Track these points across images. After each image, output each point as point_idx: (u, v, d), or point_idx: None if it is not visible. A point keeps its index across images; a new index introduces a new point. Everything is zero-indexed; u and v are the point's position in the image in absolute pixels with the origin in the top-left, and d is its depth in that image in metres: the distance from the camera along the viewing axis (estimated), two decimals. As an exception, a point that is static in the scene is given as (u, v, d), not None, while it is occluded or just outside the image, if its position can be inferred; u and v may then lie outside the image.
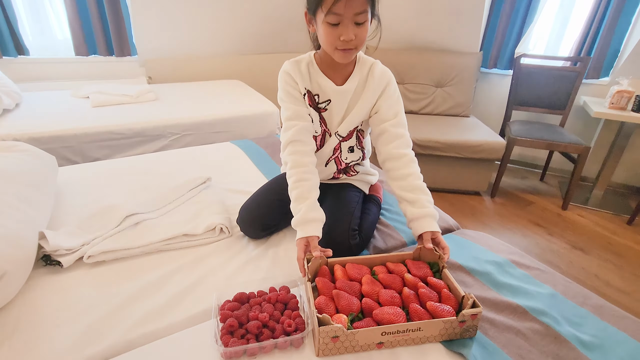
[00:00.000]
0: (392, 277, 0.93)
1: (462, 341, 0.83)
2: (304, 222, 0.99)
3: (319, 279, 0.91)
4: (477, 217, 2.49)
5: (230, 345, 0.77)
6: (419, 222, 1.03)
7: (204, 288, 1.00)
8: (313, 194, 1.04)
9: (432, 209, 1.05)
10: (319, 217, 1.01)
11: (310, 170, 1.07)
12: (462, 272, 1.05)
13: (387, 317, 0.81)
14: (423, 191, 1.07)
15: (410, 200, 1.06)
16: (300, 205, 1.01)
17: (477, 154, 2.47)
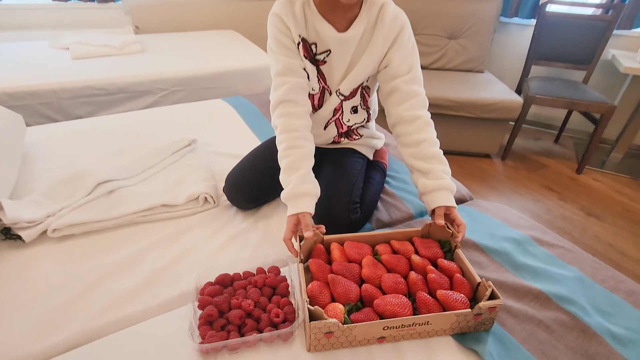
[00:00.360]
0: (397, 259, 0.81)
1: (477, 335, 0.72)
2: (294, 197, 0.86)
3: (313, 261, 0.79)
4: (487, 180, 2.35)
5: (207, 340, 0.67)
6: (432, 195, 0.89)
7: (184, 267, 0.89)
8: (306, 163, 0.89)
9: (449, 180, 0.90)
10: (312, 191, 0.87)
11: (303, 135, 0.92)
12: (477, 251, 0.93)
13: (391, 308, 0.69)
14: (439, 160, 0.92)
15: (424, 171, 0.91)
16: (290, 177, 0.87)
17: (490, 113, 2.27)
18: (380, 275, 0.78)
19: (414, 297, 0.74)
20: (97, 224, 0.96)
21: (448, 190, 0.89)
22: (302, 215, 0.84)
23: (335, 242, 0.86)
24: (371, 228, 1.04)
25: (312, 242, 0.85)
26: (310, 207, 0.85)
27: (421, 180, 0.91)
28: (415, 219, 1.08)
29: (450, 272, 0.79)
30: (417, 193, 1.14)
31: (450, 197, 0.89)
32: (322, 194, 0.92)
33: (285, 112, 0.92)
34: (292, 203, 0.85)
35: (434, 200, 0.88)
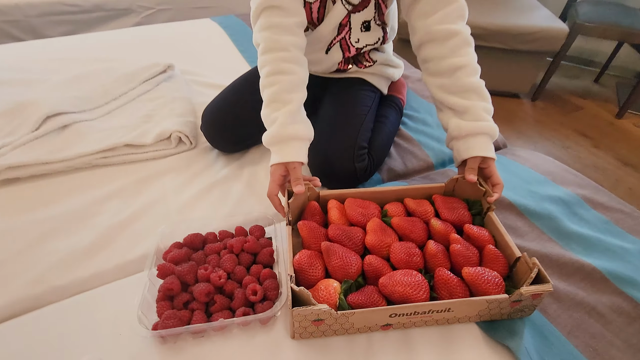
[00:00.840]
0: (411, 223, 0.63)
1: (510, 324, 0.56)
2: (280, 141, 0.66)
3: (304, 223, 0.62)
4: (512, 123, 2.09)
5: (162, 324, 0.52)
6: (466, 141, 0.68)
7: (148, 222, 0.73)
8: (296, 95, 0.68)
9: (491, 122, 0.68)
10: (303, 133, 0.67)
11: (293, 57, 0.69)
12: (512, 213, 0.74)
13: (401, 289, 0.52)
14: (479, 94, 0.69)
15: (458, 108, 0.69)
16: (275, 114, 0.66)
17: (527, 44, 1.94)
18: (389, 244, 0.60)
19: (432, 274, 0.58)
20: (44, 166, 0.78)
21: (488, 136, 0.68)
22: (292, 166, 0.64)
23: (334, 200, 0.68)
24: (381, 180, 0.85)
25: (303, 198, 0.67)
26: (301, 154, 0.66)
27: (454, 120, 0.70)
28: (435, 170, 0.88)
29: (481, 241, 0.61)
30: (440, 137, 0.93)
31: (490, 145, 0.68)
32: (319, 136, 0.72)
33: (270, 24, 0.68)
34: (277, 149, 0.66)
35: (469, 148, 0.67)
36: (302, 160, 0.66)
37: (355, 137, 0.78)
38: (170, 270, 0.59)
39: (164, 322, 0.52)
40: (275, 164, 0.65)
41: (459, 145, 0.69)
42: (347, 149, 0.77)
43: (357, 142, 0.78)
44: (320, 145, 0.77)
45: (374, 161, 0.82)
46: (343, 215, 0.66)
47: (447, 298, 0.54)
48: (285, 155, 0.64)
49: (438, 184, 0.70)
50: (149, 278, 0.58)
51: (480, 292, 0.54)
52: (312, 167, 0.81)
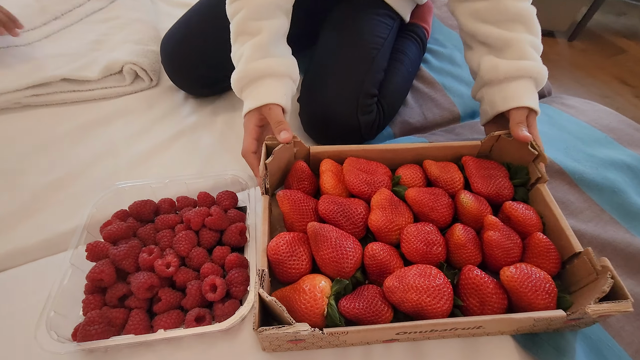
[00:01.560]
0: (433, 197, 0.46)
1: (557, 339, 0.41)
2: (249, 81, 0.48)
3: (286, 194, 0.45)
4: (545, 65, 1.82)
5: (82, 332, 0.38)
6: (504, 87, 0.50)
7: (90, 182, 0.56)
8: (270, 23, 0.50)
9: (539, 62, 0.51)
10: (279, 68, 0.49)
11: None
12: (562, 183, 0.57)
13: (414, 297, 0.37)
14: (527, 24, 0.51)
15: (495, 42, 0.51)
16: (242, 48, 0.49)
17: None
18: (401, 226, 0.44)
19: (457, 271, 0.42)
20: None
21: (533, 81, 0.50)
22: (269, 110, 0.47)
23: (329, 160, 0.50)
24: (392, 135, 0.67)
25: (288, 156, 0.50)
26: (278, 94, 0.48)
27: (488, 59, 0.51)
28: (462, 123, 0.69)
29: (526, 226, 0.45)
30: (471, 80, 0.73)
31: (535, 93, 0.51)
32: (312, 79, 0.54)
33: None
34: (248, 92, 0.48)
35: (507, 97, 0.49)
36: (280, 103, 0.47)
37: (361, 81, 0.59)
38: (104, 251, 0.44)
39: (85, 329, 0.38)
40: (248, 111, 0.47)
41: (494, 93, 0.50)
42: (350, 96, 0.58)
43: (363, 88, 0.59)
44: (314, 91, 0.59)
45: (384, 112, 0.63)
46: (340, 182, 0.49)
47: (476, 308, 0.39)
48: (256, 98, 0.46)
49: (472, 142, 0.52)
50: (71, 263, 0.43)
51: (523, 302, 0.39)
52: (303, 120, 0.63)
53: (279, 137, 0.47)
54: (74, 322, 0.40)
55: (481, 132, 0.64)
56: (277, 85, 0.48)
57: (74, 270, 0.43)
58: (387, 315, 0.38)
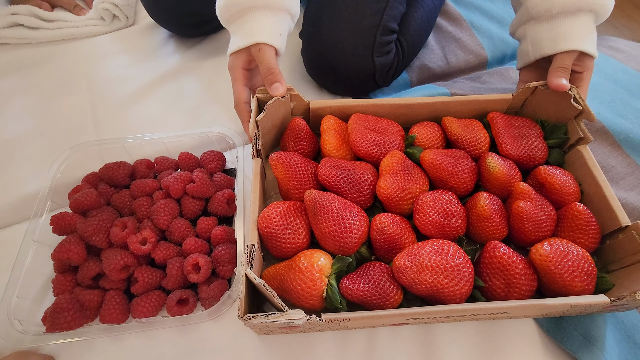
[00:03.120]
0: (452, 159, 0.39)
1: (586, 324, 0.37)
2: (242, 10, 0.40)
3: (280, 157, 0.39)
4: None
5: (50, 321, 0.34)
6: (557, 24, 0.41)
7: (54, 138, 0.50)
8: None
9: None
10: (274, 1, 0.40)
11: None
12: (604, 143, 0.49)
13: (429, 279, 0.32)
14: None
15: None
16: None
17: None
18: (414, 194, 0.38)
19: (479, 246, 0.36)
20: None
21: (593, 16, 0.40)
22: (255, 49, 0.39)
23: (332, 116, 0.43)
24: (409, 83, 0.58)
25: (283, 111, 0.42)
26: (274, 32, 0.40)
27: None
28: (488, 70, 0.60)
29: (562, 195, 0.38)
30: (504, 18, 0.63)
31: (594, 32, 0.41)
32: (318, 11, 0.48)
33: None
34: (237, 26, 0.39)
35: (558, 37, 0.41)
36: (274, 44, 0.39)
37: (379, 13, 0.49)
38: (71, 224, 0.38)
39: (54, 317, 0.33)
40: (235, 51, 0.39)
41: (541, 30, 0.41)
42: (365, 32, 0.49)
43: (382, 22, 0.49)
44: (321, 25, 0.50)
45: (404, 54, 0.54)
46: (344, 142, 0.42)
47: (500, 291, 0.34)
48: (246, 35, 0.38)
49: (501, 96, 0.44)
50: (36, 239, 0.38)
51: (557, 284, 0.33)
52: (306, 61, 0.54)
53: (269, 89, 0.39)
54: (44, 304, 0.36)
55: (512, 81, 0.55)
56: (273, 20, 0.39)
57: (39, 246, 0.38)
58: (396, 298, 0.33)
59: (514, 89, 0.47)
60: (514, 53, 0.62)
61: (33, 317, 0.36)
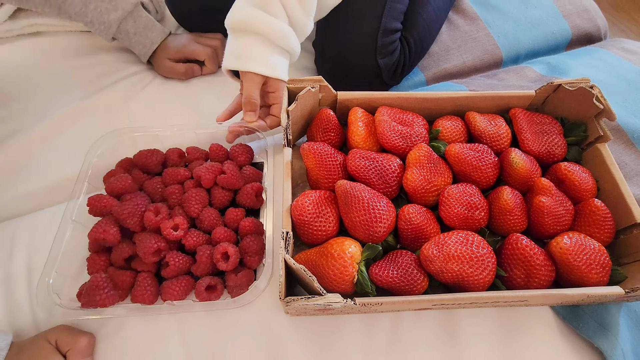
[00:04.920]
0: (477, 153, 0.41)
1: (600, 312, 0.39)
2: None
3: (311, 147, 0.40)
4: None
5: (85, 298, 0.35)
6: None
7: (89, 124, 0.51)
8: None
9: None
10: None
11: None
12: (618, 141, 0.51)
13: (456, 268, 0.33)
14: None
15: None
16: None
17: None
18: (440, 187, 0.39)
19: (501, 238, 0.38)
20: None
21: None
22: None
23: (359, 108, 0.44)
24: (424, 82, 0.59)
25: (312, 102, 0.44)
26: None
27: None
28: (504, 68, 0.61)
29: (580, 191, 0.40)
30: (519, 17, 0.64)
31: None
32: (327, 19, 0.50)
33: None
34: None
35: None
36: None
37: (379, 15, 0.51)
38: (107, 207, 0.39)
39: (90, 293, 0.35)
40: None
41: None
42: (366, 36, 0.50)
43: (381, 24, 0.51)
44: (328, 34, 0.52)
45: (411, 52, 0.55)
46: (371, 134, 0.43)
47: (521, 280, 0.36)
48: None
49: (524, 92, 0.45)
50: (73, 218, 0.39)
51: (574, 275, 0.35)
52: (319, 67, 0.56)
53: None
54: (78, 282, 0.37)
55: (528, 79, 0.57)
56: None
57: (76, 225, 0.39)
58: (423, 285, 0.35)
59: (530, 87, 0.48)
60: (528, 52, 0.63)
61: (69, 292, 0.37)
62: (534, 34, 0.64)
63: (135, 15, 0.54)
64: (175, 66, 0.55)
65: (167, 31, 0.56)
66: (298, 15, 0.44)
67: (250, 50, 0.43)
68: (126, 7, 0.53)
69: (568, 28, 0.65)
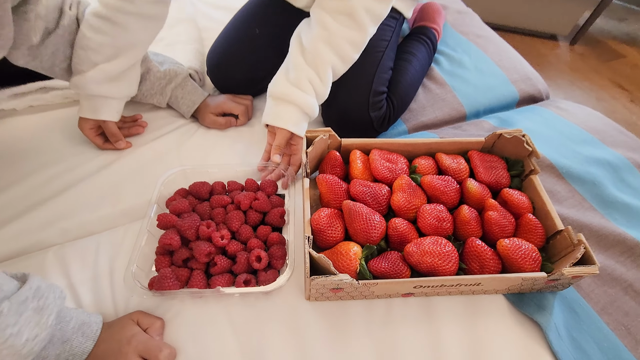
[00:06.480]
0: (444, 183, 0.56)
1: (539, 298, 0.52)
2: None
3: (324, 178, 0.55)
4: (543, 68, 1.91)
5: (158, 284, 0.48)
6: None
7: (158, 165, 0.66)
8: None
9: None
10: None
11: (135, 9, 0.58)
12: (552, 175, 0.67)
13: (428, 260, 0.47)
14: None
15: None
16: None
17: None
18: (417, 206, 0.54)
19: (462, 242, 0.52)
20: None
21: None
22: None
23: (358, 150, 0.60)
24: (406, 130, 0.76)
25: (323, 146, 0.60)
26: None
27: None
28: (467, 121, 0.79)
29: (519, 209, 0.55)
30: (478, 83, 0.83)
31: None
32: (332, 90, 0.64)
33: None
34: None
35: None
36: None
37: (370, 82, 0.69)
38: (171, 222, 0.53)
39: (160, 281, 0.48)
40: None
41: None
42: (361, 97, 0.68)
43: (372, 88, 0.68)
44: (332, 96, 0.68)
45: (394, 108, 0.73)
46: (367, 169, 0.59)
47: (477, 271, 0.50)
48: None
49: (477, 139, 0.62)
50: (147, 229, 0.53)
51: (514, 267, 0.49)
52: (325, 119, 0.73)
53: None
54: (148, 275, 0.50)
55: (485, 130, 0.74)
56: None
57: (149, 235, 0.53)
58: (406, 274, 0.49)
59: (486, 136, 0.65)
60: (486, 109, 0.81)
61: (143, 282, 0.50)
62: (489, 96, 0.83)
63: (183, 84, 0.71)
64: (217, 119, 0.71)
65: (206, 94, 0.74)
66: (321, 90, 0.61)
67: (287, 114, 0.59)
68: (178, 80, 0.70)
69: (516, 91, 0.84)
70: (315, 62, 0.59)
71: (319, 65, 0.59)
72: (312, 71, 0.59)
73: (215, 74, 0.76)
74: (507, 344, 0.49)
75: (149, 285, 0.49)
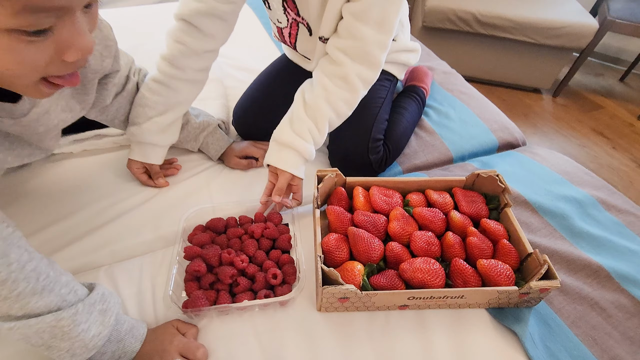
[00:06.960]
0: (432, 214, 0.67)
1: (517, 312, 0.61)
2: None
3: (332, 209, 0.66)
4: (530, 118, 2.09)
5: (191, 302, 0.57)
6: None
7: (182, 203, 0.77)
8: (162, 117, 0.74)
9: None
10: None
11: (186, 77, 0.73)
12: (527, 210, 0.78)
13: (419, 275, 0.57)
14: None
15: None
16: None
17: (554, 39, 1.91)
18: (410, 232, 0.65)
19: (448, 263, 0.62)
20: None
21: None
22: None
23: (359, 187, 0.72)
24: (401, 171, 0.89)
25: (331, 183, 0.71)
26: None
27: None
28: (454, 164, 0.92)
29: (496, 236, 0.65)
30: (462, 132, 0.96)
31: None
32: (337, 129, 0.76)
33: (179, 39, 0.69)
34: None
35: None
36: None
37: (369, 131, 0.82)
38: (196, 252, 0.63)
39: (193, 302, 0.57)
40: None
41: None
42: (361, 142, 0.81)
43: (371, 136, 0.82)
44: (337, 142, 0.81)
45: (390, 152, 0.85)
46: (368, 202, 0.70)
47: (460, 285, 0.59)
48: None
49: (459, 178, 0.74)
50: (177, 259, 0.63)
51: (492, 283, 0.59)
52: (331, 161, 0.86)
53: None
54: (180, 300, 0.59)
55: (468, 171, 0.86)
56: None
57: (178, 264, 0.63)
58: (401, 287, 0.58)
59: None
60: (470, 154, 0.94)
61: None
62: (473, 143, 0.96)
63: (213, 133, 0.85)
64: (241, 161, 0.84)
65: (231, 140, 0.87)
66: (318, 139, 0.73)
67: (289, 159, 0.71)
68: (209, 129, 0.84)
69: (495, 139, 0.98)
70: (315, 116, 0.71)
71: (318, 118, 0.71)
72: (312, 123, 0.71)
73: (240, 124, 0.91)
74: (490, 352, 0.57)
75: (184, 306, 0.58)
